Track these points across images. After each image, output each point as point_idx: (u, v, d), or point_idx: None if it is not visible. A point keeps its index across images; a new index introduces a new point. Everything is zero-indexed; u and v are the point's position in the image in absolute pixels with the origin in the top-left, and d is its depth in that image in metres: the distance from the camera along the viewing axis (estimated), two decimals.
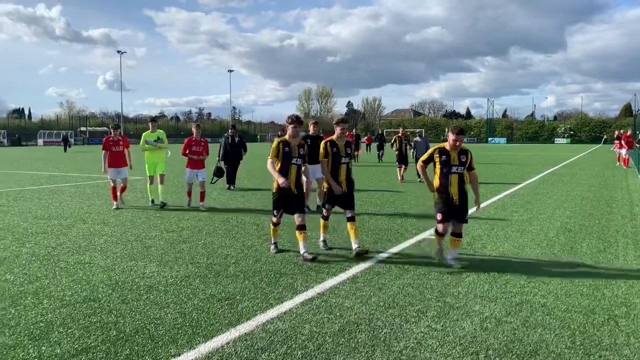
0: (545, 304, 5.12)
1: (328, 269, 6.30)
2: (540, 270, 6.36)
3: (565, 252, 7.36)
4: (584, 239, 8.18)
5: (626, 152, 26.23)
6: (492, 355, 3.93)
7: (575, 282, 5.86)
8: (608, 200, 12.95)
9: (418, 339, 4.21)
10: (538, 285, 5.71)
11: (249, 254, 7.10)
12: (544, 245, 7.77)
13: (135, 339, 4.20)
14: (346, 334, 4.31)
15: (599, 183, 17.63)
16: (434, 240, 6.87)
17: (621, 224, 9.49)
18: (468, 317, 4.71)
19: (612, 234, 8.53)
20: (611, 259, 6.92)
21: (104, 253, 7.17)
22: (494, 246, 7.66)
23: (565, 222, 9.70)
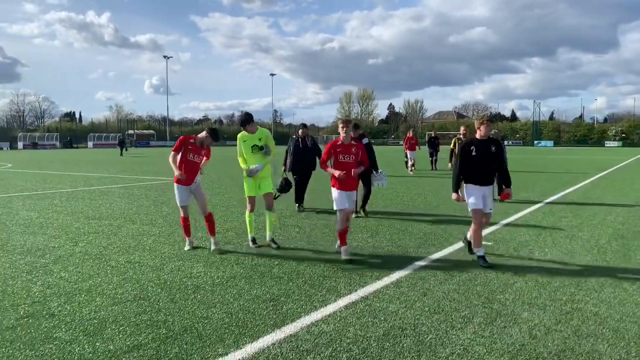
0: (597, 312, 4.96)
1: (371, 273, 6.28)
2: (591, 277, 6.16)
3: (617, 259, 7.10)
4: (638, 246, 7.87)
5: None
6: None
7: (629, 290, 5.65)
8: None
9: (464, 346, 4.15)
10: (589, 293, 5.54)
11: (291, 256, 7.15)
12: (594, 252, 7.52)
13: (184, 337, 4.30)
14: (391, 339, 4.29)
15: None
16: None
17: None
18: (516, 324, 4.61)
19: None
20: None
21: (152, 253, 7.38)
22: (541, 252, 7.46)
23: (618, 229, 9.35)
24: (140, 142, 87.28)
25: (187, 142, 7.44)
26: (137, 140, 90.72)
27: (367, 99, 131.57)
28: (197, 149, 7.48)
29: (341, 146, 7.02)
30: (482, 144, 6.77)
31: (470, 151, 6.73)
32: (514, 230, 9.17)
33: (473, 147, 6.73)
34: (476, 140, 6.80)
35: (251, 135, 7.64)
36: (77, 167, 28.31)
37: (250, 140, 7.65)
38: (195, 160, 7.49)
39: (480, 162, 6.72)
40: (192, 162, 7.50)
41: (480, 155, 6.71)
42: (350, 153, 6.99)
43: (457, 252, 7.46)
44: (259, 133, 7.68)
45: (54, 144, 80.00)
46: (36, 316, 4.81)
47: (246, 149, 7.66)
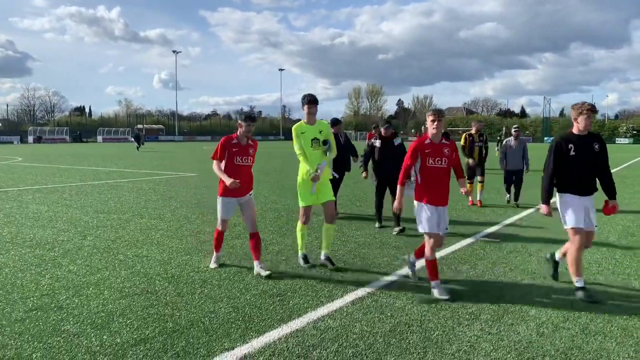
0: (605, 310, 4.92)
1: (378, 269, 6.28)
2: (600, 275, 6.11)
3: (626, 257, 7.04)
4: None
5: None
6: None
7: (637, 288, 5.61)
8: None
9: (471, 342, 4.13)
10: (597, 291, 5.49)
11: None
12: (603, 249, 7.46)
13: (191, 331, 4.32)
14: (397, 335, 4.28)
15: None
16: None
17: None
18: (523, 321, 4.59)
19: None
20: None
21: (160, 247, 7.41)
22: (550, 249, 7.40)
23: (628, 226, 9.28)
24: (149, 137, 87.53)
25: (229, 144, 6.06)
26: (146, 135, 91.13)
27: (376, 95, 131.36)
28: (244, 149, 6.10)
29: (431, 146, 5.40)
30: (583, 140, 5.29)
31: (568, 150, 5.29)
32: (521, 228, 9.12)
33: (571, 144, 5.28)
34: (574, 136, 5.32)
35: (310, 126, 6.29)
36: (86, 161, 28.49)
37: (309, 133, 6.26)
38: (245, 163, 6.11)
39: (581, 165, 5.28)
40: (242, 167, 6.10)
41: (580, 155, 5.26)
42: (442, 155, 5.39)
43: (464, 248, 7.43)
44: (319, 125, 6.34)
45: (64, 138, 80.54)
46: (44, 309, 4.84)
47: (305, 143, 6.25)
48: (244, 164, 6.11)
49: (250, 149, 6.14)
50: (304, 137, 6.26)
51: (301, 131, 6.28)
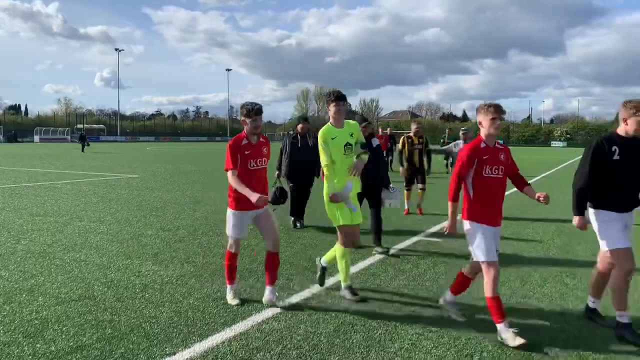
0: (540, 307, 5.14)
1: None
2: (535, 273, 6.38)
3: (560, 255, 7.39)
4: (579, 242, 8.21)
5: None
6: (486, 357, 3.95)
7: (569, 285, 5.90)
8: None
9: (413, 341, 4.22)
10: (533, 288, 5.74)
11: (245, 253, 7.08)
12: (539, 248, 7.81)
13: (130, 337, 4.19)
14: (341, 334, 4.31)
15: None
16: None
17: None
18: (463, 318, 4.72)
19: None
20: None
21: (99, 251, 7.16)
22: None
23: (561, 225, 9.75)
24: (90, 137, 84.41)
25: (240, 146, 4.95)
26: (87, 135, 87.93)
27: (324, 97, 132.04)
28: (257, 150, 5.04)
29: (488, 151, 4.36)
30: (631, 144, 4.32)
31: (611, 153, 4.29)
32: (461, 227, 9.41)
33: (615, 147, 4.30)
34: (619, 138, 4.35)
35: (340, 129, 5.27)
36: (21, 162, 27.17)
37: (340, 138, 5.22)
38: (260, 166, 5.06)
39: (628, 173, 4.32)
40: (258, 172, 5.05)
41: (629, 161, 4.30)
42: (499, 163, 4.38)
43: (407, 247, 7.58)
44: (349, 127, 5.33)
45: None
46: None
47: (336, 151, 5.18)
48: (260, 167, 5.05)
49: (263, 148, 5.10)
50: (334, 143, 5.19)
51: (332, 136, 5.20)
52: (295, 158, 9.01)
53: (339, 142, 5.21)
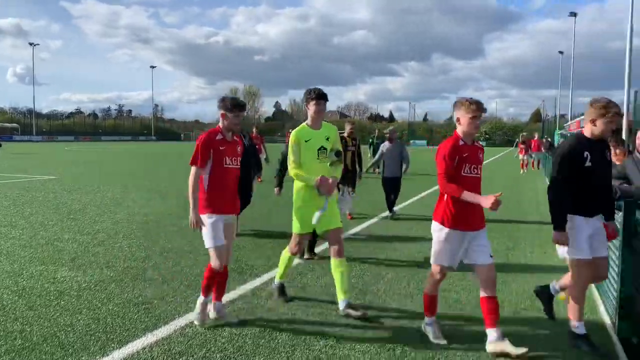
0: (459, 299, 5.37)
1: (251, 271, 6.26)
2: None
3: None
4: (495, 237, 8.64)
5: (535, 155, 28.00)
6: (407, 350, 4.07)
7: None
8: (518, 200, 13.79)
9: (337, 337, 4.28)
10: (453, 281, 5.96)
11: (170, 256, 6.91)
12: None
13: (43, 347, 3.97)
14: (267, 335, 4.30)
15: (511, 184, 18.72)
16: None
17: (528, 223, 10.13)
18: (386, 312, 4.85)
19: (521, 233, 9.12)
20: (519, 256, 7.37)
21: (10, 257, 6.72)
22: (413, 244, 7.92)
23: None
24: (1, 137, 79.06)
25: (214, 141, 4.44)
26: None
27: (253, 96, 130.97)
28: (232, 147, 4.55)
29: (467, 149, 4.14)
30: (597, 147, 4.08)
31: (583, 160, 4.03)
32: (383, 225, 9.64)
33: (587, 152, 4.03)
34: (587, 141, 4.05)
35: (316, 131, 4.87)
36: None
37: (315, 140, 4.83)
38: (235, 165, 4.57)
39: (596, 178, 4.07)
40: (233, 171, 4.58)
41: (597, 167, 4.04)
42: (478, 162, 4.22)
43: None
44: (326, 129, 4.93)
45: None
46: None
47: (309, 155, 4.80)
48: (235, 167, 4.57)
49: (238, 147, 4.63)
50: (308, 146, 4.80)
51: (305, 138, 4.80)
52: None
53: (313, 145, 4.81)
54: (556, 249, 4.26)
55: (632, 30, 17.72)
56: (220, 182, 4.46)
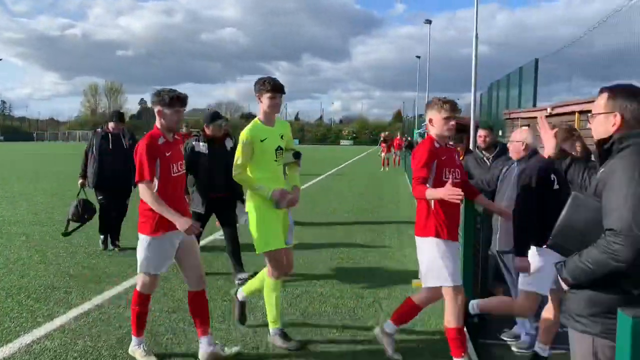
0: (322, 293, 5.54)
1: (109, 279, 5.91)
2: (320, 262, 6.86)
3: (343, 245, 8.06)
4: (358, 231, 9.08)
5: (396, 153, 29.83)
6: (271, 347, 4.12)
7: (348, 270, 6.47)
8: (380, 196, 14.60)
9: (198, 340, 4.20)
10: (317, 277, 6.16)
11: (14, 268, 6.29)
12: (325, 239, 8.41)
13: None
14: (125, 345, 4.08)
15: (374, 181, 19.76)
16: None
17: (388, 217, 10.77)
18: (251, 313, 4.85)
19: (382, 226, 9.66)
20: (380, 248, 7.81)
21: None
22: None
23: (345, 217, 10.65)
24: None
25: (157, 147, 3.72)
26: None
27: (116, 92, 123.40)
28: (176, 150, 3.90)
29: (444, 151, 3.75)
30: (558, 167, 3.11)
31: (551, 183, 3.71)
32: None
33: (554, 175, 3.69)
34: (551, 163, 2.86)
35: (271, 129, 4.22)
36: None
37: (271, 139, 4.17)
38: (181, 171, 3.92)
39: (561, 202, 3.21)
40: (181, 179, 3.95)
41: (562, 189, 3.46)
42: (456, 165, 3.80)
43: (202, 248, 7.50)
44: (281, 126, 4.32)
45: None
46: None
47: (266, 156, 4.15)
48: (181, 173, 3.90)
49: (180, 147, 4.05)
50: (263, 147, 4.11)
51: (261, 137, 4.10)
52: (107, 163, 7.01)
53: (270, 146, 4.13)
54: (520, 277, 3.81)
55: (477, 38, 19.47)
56: (171, 195, 3.74)
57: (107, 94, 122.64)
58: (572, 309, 2.26)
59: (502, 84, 19.57)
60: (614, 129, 2.20)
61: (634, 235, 1.95)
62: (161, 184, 3.71)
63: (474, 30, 19.29)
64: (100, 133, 7.24)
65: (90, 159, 7.14)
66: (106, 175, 7.03)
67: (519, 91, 16.39)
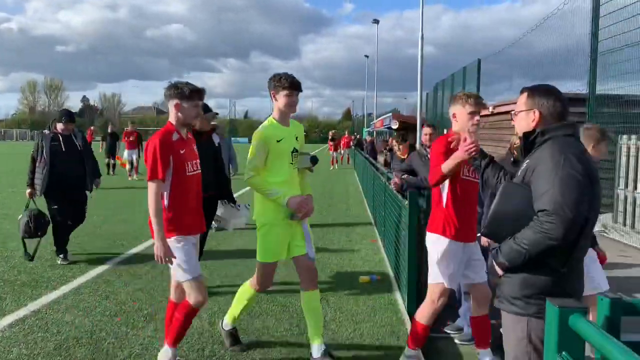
0: (269, 291, 5.50)
1: (47, 283, 5.68)
2: None
3: None
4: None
5: (345, 152, 30.12)
6: (217, 349, 4.07)
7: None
8: (330, 194, 14.68)
9: (144, 345, 4.11)
10: None
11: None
12: None
13: None
14: (63, 352, 3.95)
15: (324, 179, 19.86)
16: None
17: (338, 215, 10.85)
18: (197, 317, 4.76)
19: (331, 224, 9.72)
20: (328, 245, 7.85)
21: None
22: (228, 242, 7.94)
23: None
24: None
25: (172, 144, 3.50)
26: None
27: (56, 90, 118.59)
28: (190, 148, 3.69)
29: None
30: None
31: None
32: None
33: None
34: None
35: (287, 130, 3.87)
36: None
37: (287, 141, 3.83)
38: (196, 171, 3.69)
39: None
40: (197, 179, 3.70)
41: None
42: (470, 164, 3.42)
43: (148, 249, 7.33)
44: (295, 127, 4.01)
45: None
46: None
47: (281, 158, 3.79)
48: (197, 173, 3.67)
49: (194, 147, 3.79)
50: (279, 148, 3.74)
51: (277, 138, 3.74)
52: (59, 167, 6.32)
53: (286, 147, 3.78)
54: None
55: (422, 39, 19.89)
56: (185, 195, 3.54)
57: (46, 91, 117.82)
58: (507, 293, 2.40)
59: (446, 84, 20.09)
60: (534, 124, 2.43)
61: (565, 214, 2.15)
62: (174, 184, 3.48)
63: (420, 30, 19.69)
64: (49, 135, 6.48)
65: (39, 164, 6.36)
66: (60, 180, 6.31)
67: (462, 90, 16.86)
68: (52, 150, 6.35)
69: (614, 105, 8.76)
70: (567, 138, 2.35)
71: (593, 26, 8.97)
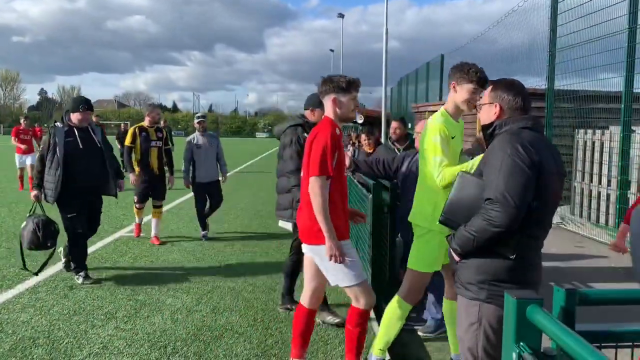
0: (234, 287, 5.47)
1: (2, 282, 5.49)
2: (231, 256, 6.77)
3: (258, 236, 8.01)
4: (272, 224, 9.03)
5: None
6: (179, 346, 4.00)
7: (261, 263, 6.44)
8: None
9: (104, 343, 4.01)
10: (229, 271, 6.07)
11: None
12: (239, 231, 8.32)
13: None
14: (19, 352, 3.82)
15: None
16: None
17: None
18: (159, 312, 4.70)
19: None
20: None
21: None
22: (184, 237, 7.83)
23: (259, 210, 10.59)
24: None
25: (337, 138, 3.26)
26: None
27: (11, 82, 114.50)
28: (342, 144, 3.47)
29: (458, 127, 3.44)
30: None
31: None
32: (167, 218, 9.39)
33: None
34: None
35: (457, 126, 3.38)
36: None
37: (458, 139, 3.38)
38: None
39: None
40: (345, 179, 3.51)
41: None
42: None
43: (107, 246, 7.17)
44: (461, 125, 3.49)
45: None
46: None
47: (453, 159, 3.28)
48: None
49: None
50: (453, 145, 3.29)
51: (452, 134, 3.28)
52: (79, 166, 5.34)
53: (457, 146, 3.36)
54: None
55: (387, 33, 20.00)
56: (344, 196, 3.35)
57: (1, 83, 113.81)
58: (463, 278, 2.49)
59: (410, 79, 20.28)
60: (495, 117, 2.50)
61: (508, 202, 2.22)
62: (334, 180, 3.21)
63: (384, 25, 19.79)
64: (63, 129, 5.39)
65: (50, 165, 5.30)
66: (77, 184, 5.32)
67: (426, 85, 17.07)
68: (66, 147, 5.32)
69: (572, 100, 9.01)
70: (522, 130, 2.40)
71: (552, 22, 9.21)
